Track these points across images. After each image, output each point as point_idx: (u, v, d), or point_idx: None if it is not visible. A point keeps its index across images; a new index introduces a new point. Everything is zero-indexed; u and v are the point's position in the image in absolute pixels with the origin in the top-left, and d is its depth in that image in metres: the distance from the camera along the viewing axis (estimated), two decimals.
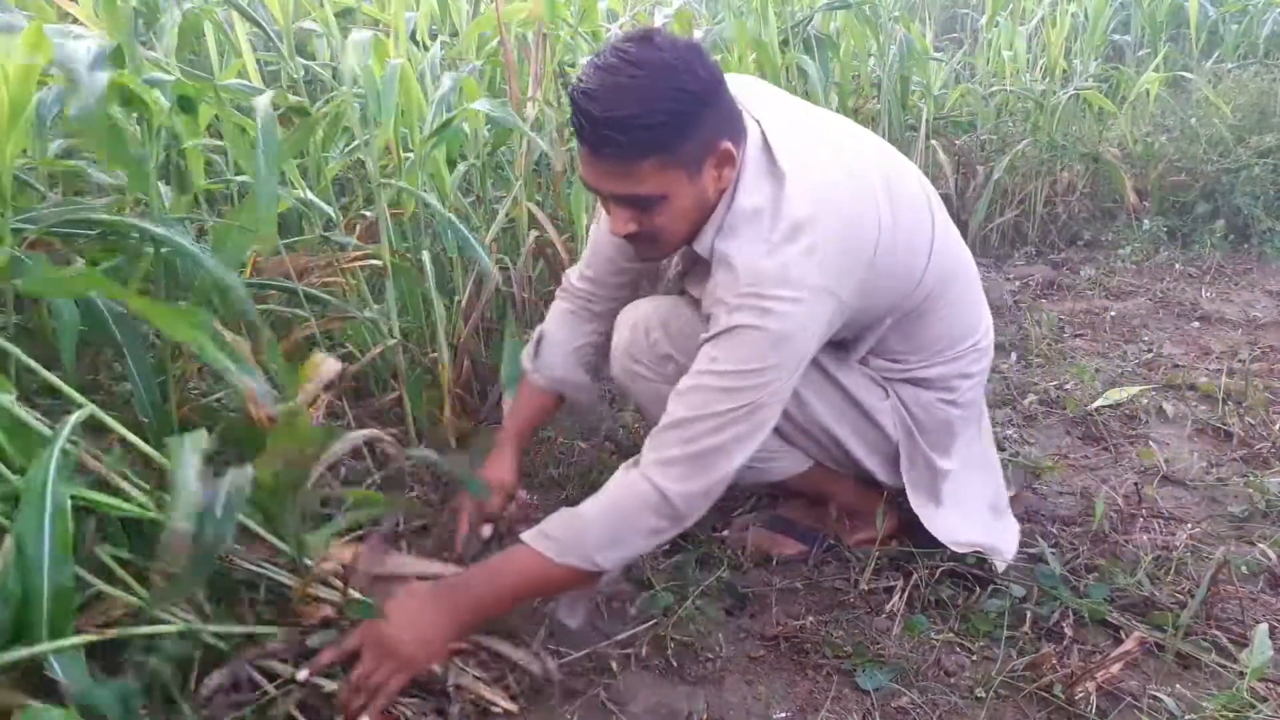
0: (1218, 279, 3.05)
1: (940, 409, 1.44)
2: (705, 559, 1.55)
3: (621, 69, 1.09)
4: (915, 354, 1.41)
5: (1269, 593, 1.41)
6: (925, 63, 3.27)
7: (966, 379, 1.45)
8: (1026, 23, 3.93)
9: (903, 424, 1.43)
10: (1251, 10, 4.71)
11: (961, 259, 1.43)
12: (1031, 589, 1.40)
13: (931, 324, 1.39)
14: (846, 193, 1.22)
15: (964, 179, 3.49)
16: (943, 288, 1.37)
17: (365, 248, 1.79)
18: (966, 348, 1.44)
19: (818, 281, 1.16)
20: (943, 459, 1.45)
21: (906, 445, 1.44)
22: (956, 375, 1.43)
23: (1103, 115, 3.68)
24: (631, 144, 1.10)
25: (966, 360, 1.44)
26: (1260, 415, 1.98)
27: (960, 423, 1.46)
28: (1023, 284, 3.10)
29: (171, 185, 1.61)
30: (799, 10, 3.03)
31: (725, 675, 1.27)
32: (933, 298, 1.36)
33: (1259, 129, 3.50)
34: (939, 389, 1.43)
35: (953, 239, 1.42)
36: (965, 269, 1.44)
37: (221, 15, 1.86)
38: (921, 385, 1.43)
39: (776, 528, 1.57)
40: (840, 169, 1.24)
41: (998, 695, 1.21)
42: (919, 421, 1.43)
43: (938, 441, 1.45)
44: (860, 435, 1.43)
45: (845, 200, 1.21)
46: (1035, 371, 2.34)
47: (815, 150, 1.24)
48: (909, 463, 1.45)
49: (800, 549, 1.55)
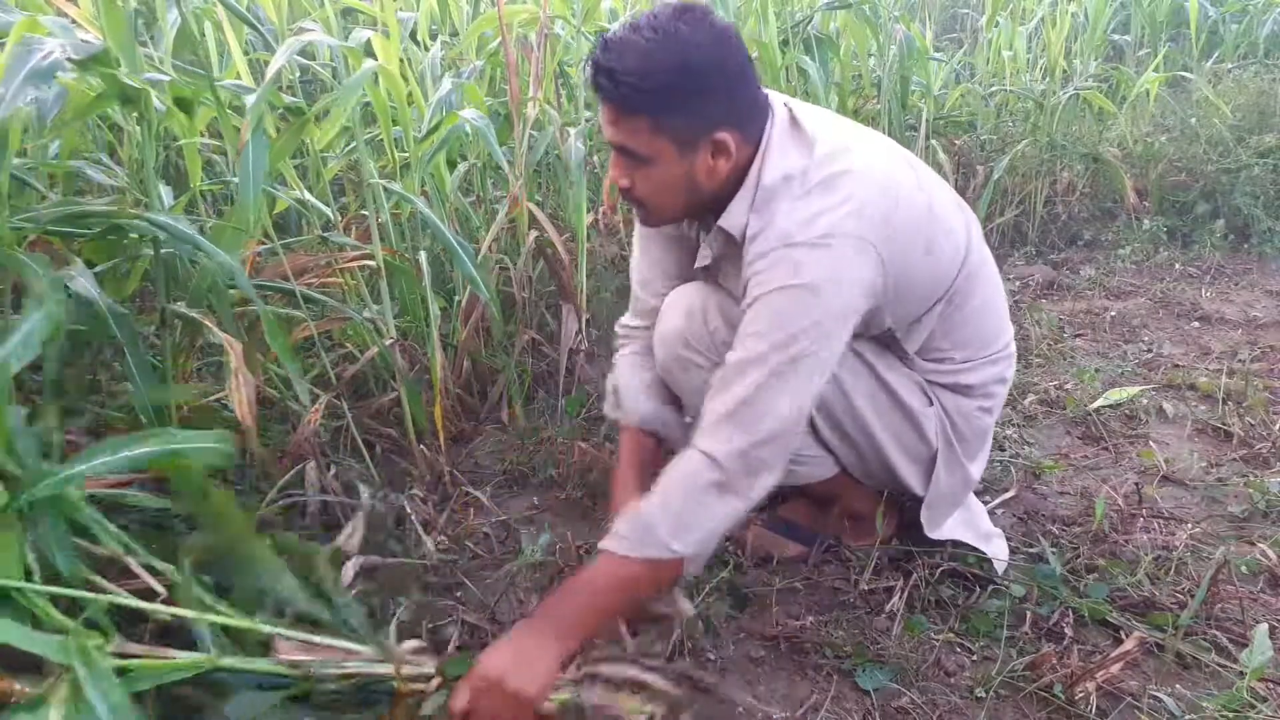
0: (1218, 279, 3.05)
1: (979, 418, 1.43)
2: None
3: (643, 29, 1.12)
4: (960, 350, 1.39)
5: (1269, 593, 1.41)
6: (925, 63, 3.26)
7: (1002, 384, 1.45)
8: (1026, 23, 3.93)
9: (944, 433, 1.41)
10: (1251, 10, 4.71)
11: (987, 251, 1.42)
12: (1031, 589, 1.40)
13: (974, 316, 1.37)
14: (878, 154, 1.23)
15: (964, 179, 3.49)
16: (982, 275, 1.37)
17: (363, 248, 1.79)
18: (1002, 347, 1.43)
19: (852, 228, 1.15)
20: (974, 468, 1.45)
21: (946, 454, 1.42)
22: (995, 380, 1.43)
23: (1103, 115, 3.68)
24: (622, 97, 1.13)
25: (1003, 364, 1.44)
26: (1260, 415, 1.98)
27: (989, 433, 1.47)
28: (1023, 284, 3.10)
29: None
30: (799, 10, 3.03)
31: (725, 675, 1.27)
32: (974, 281, 1.34)
33: (1259, 129, 3.50)
34: (979, 396, 1.42)
35: (979, 230, 1.41)
36: (992, 262, 1.43)
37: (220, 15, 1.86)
38: (964, 393, 1.41)
39: (777, 529, 1.57)
40: (867, 137, 1.27)
41: (998, 695, 1.21)
42: (959, 430, 1.42)
43: (972, 451, 1.45)
44: (901, 440, 1.40)
45: (878, 159, 1.22)
46: (1035, 371, 2.34)
47: (840, 123, 1.27)
48: (947, 472, 1.43)
49: (801, 550, 1.55)
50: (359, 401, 1.88)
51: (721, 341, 1.32)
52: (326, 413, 1.68)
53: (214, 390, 1.74)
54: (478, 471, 1.89)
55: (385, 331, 1.75)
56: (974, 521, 1.51)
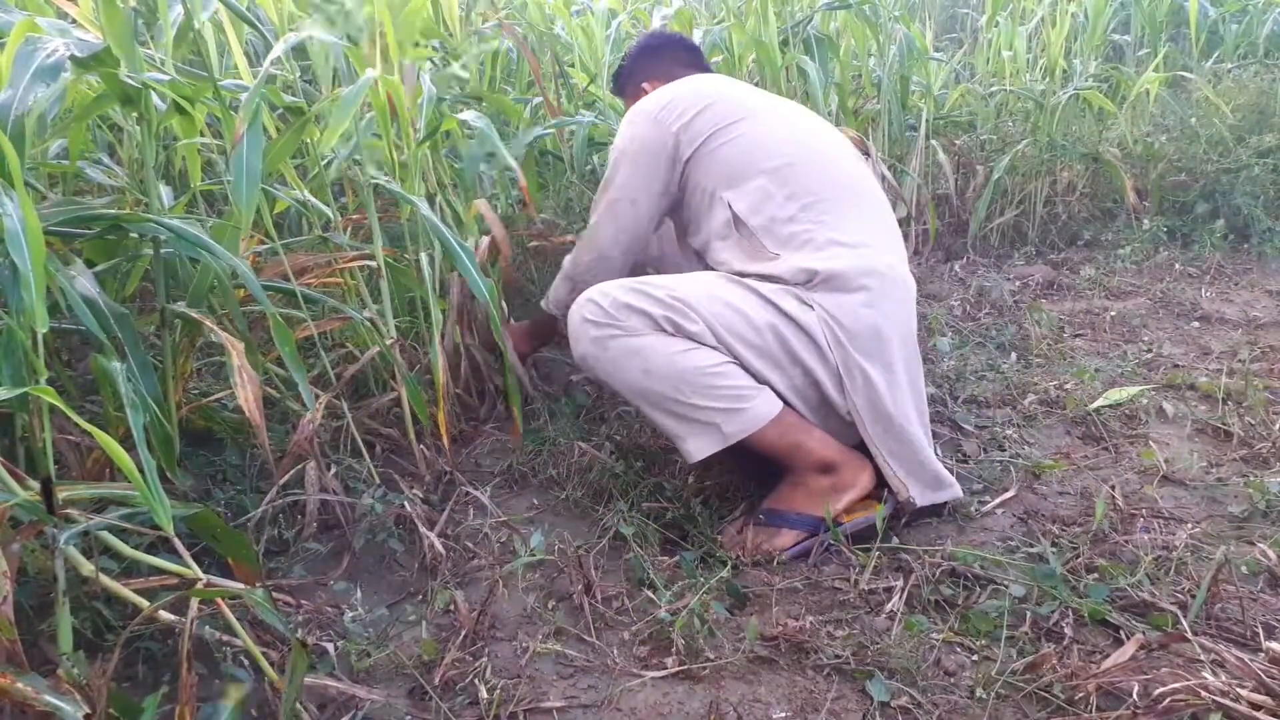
0: (1218, 279, 3.05)
1: (865, 313, 1.58)
2: (705, 559, 1.55)
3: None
4: (792, 201, 1.64)
5: (1269, 593, 1.41)
6: (925, 63, 3.27)
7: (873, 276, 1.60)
8: (1026, 23, 3.92)
9: (832, 334, 1.57)
10: (1251, 10, 4.70)
11: (862, 189, 1.72)
12: (1031, 589, 1.40)
13: (804, 180, 1.66)
14: (719, 84, 1.83)
15: (964, 179, 3.49)
16: (815, 155, 1.71)
17: (362, 248, 1.79)
18: (823, 242, 1.62)
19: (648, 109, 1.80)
20: (876, 371, 1.58)
21: (840, 355, 1.57)
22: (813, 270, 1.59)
23: (1103, 115, 3.67)
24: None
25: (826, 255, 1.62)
26: (1260, 415, 1.98)
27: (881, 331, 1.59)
28: (1023, 284, 3.10)
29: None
30: (799, 10, 3.03)
31: (725, 675, 1.27)
32: (804, 162, 1.68)
33: (1259, 129, 3.49)
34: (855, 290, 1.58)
35: (866, 194, 1.73)
36: (860, 182, 1.74)
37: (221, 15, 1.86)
38: (840, 289, 1.57)
39: (771, 521, 1.58)
40: (737, 87, 1.85)
41: (998, 695, 1.21)
42: (846, 329, 1.56)
43: (865, 348, 1.58)
44: (802, 346, 1.57)
45: (706, 83, 1.83)
46: (1035, 371, 2.34)
47: (732, 83, 1.89)
48: (847, 376, 1.57)
49: (798, 535, 1.56)
50: (359, 401, 1.88)
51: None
52: (326, 413, 1.68)
53: (214, 390, 1.74)
54: (478, 471, 1.89)
55: (385, 332, 1.75)
56: (905, 454, 1.61)
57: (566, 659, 1.31)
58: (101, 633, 1.25)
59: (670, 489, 1.74)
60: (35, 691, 0.88)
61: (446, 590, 1.44)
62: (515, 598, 1.46)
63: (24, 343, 0.98)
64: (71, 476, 1.34)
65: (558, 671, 1.29)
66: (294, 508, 1.58)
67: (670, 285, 1.57)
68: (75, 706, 0.88)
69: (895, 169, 3.14)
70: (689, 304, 1.54)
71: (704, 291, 1.57)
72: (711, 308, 1.55)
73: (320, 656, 1.28)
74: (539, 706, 1.21)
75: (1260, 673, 1.15)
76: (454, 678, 1.26)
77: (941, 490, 1.64)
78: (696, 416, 1.54)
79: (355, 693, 1.20)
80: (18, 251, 0.93)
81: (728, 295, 1.57)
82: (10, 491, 1.01)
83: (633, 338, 1.54)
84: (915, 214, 3.27)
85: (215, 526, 1.14)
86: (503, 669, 1.29)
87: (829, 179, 1.69)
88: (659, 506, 1.68)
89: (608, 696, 1.23)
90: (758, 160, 1.68)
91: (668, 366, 1.53)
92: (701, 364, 1.53)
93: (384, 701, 1.21)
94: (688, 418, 1.55)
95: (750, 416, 1.54)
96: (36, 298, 0.94)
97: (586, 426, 2.02)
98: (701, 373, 1.53)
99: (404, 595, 1.49)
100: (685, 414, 1.55)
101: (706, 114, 1.73)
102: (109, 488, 1.13)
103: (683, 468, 1.81)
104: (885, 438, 1.59)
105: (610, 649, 1.32)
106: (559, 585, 1.48)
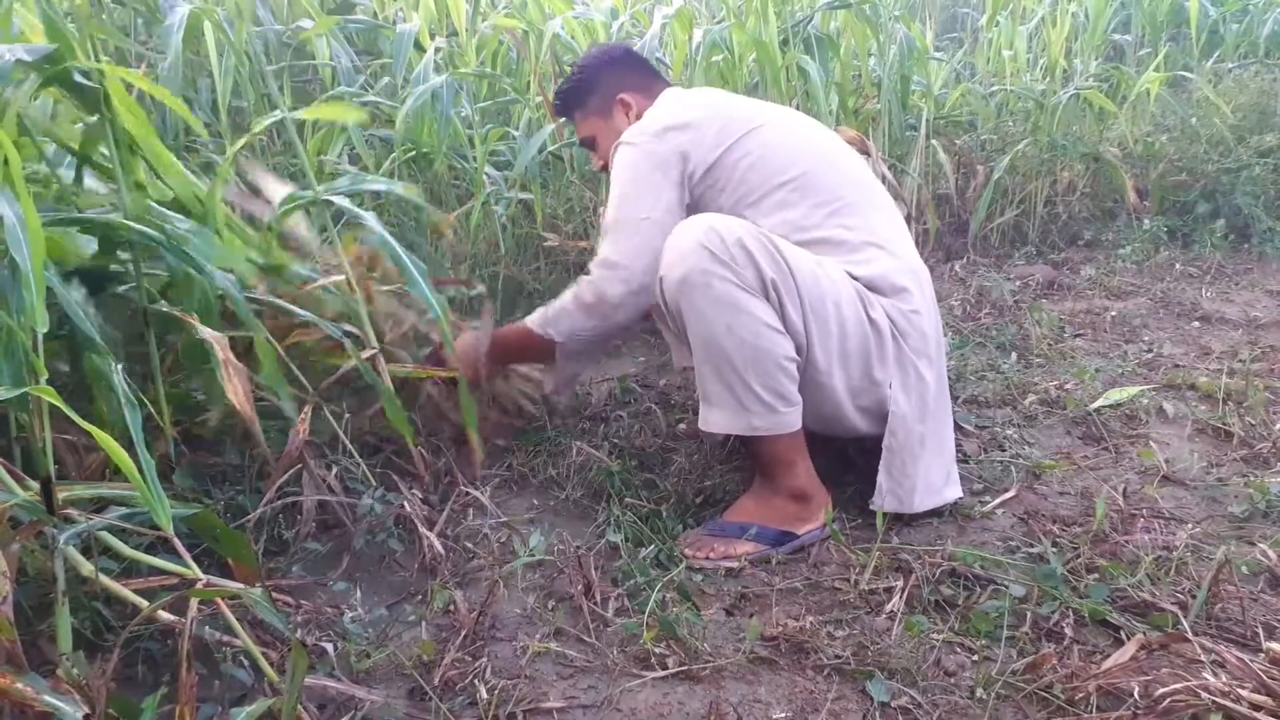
0: (1218, 279, 3.04)
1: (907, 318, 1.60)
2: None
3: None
4: (819, 209, 1.65)
5: (1269, 593, 1.41)
6: (925, 62, 3.26)
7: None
8: (1027, 22, 3.93)
9: (890, 335, 1.60)
10: (1252, 10, 4.70)
11: (875, 188, 1.75)
12: (1031, 589, 1.40)
13: (825, 186, 1.67)
14: (712, 97, 1.82)
15: (964, 179, 3.49)
16: (830, 167, 1.70)
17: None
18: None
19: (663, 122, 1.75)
20: (926, 368, 1.62)
21: (896, 354, 1.60)
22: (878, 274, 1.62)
23: (1103, 115, 3.67)
24: (559, 108, 2.02)
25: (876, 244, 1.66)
26: (1260, 415, 1.98)
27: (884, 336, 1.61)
28: (1023, 284, 3.10)
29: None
30: (799, 10, 3.03)
31: (725, 675, 1.27)
32: (820, 171, 1.68)
33: (1259, 129, 3.50)
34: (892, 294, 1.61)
35: (879, 193, 1.75)
36: (871, 182, 1.76)
37: (222, 15, 1.86)
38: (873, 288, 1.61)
39: (729, 531, 1.59)
40: (726, 96, 1.85)
41: (998, 696, 1.21)
42: (900, 329, 1.60)
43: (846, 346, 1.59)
44: (876, 348, 1.59)
45: (697, 95, 1.83)
46: (1035, 371, 2.33)
47: (718, 93, 1.88)
48: (905, 375, 1.60)
49: (758, 546, 1.56)
50: (359, 402, 1.88)
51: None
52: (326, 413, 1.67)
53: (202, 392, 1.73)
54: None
55: (366, 343, 1.72)
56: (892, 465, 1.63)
57: (566, 659, 1.31)
58: (101, 633, 1.25)
59: (664, 488, 1.75)
60: (35, 691, 0.88)
61: (446, 590, 1.44)
62: (515, 598, 1.46)
63: (24, 343, 0.98)
64: (70, 477, 1.33)
65: (557, 672, 1.29)
66: (293, 508, 1.58)
67: (787, 250, 1.55)
68: (75, 706, 0.88)
69: (895, 169, 3.13)
70: (797, 279, 1.53)
71: (811, 270, 1.56)
72: (813, 291, 1.54)
73: (320, 657, 1.28)
74: (539, 707, 1.21)
75: (1261, 673, 1.15)
76: (453, 678, 1.26)
77: (947, 488, 1.67)
78: (741, 395, 1.53)
79: (355, 693, 1.20)
80: (18, 251, 0.93)
81: (827, 282, 1.57)
82: (10, 491, 1.01)
83: (742, 291, 1.50)
84: (915, 214, 3.27)
85: (215, 526, 1.14)
86: (502, 669, 1.29)
87: (846, 181, 1.70)
88: (639, 503, 1.69)
89: (607, 696, 1.23)
90: (773, 175, 1.67)
91: (752, 338, 1.51)
92: (779, 353, 1.52)
93: (384, 702, 1.20)
94: (733, 390, 1.54)
95: (781, 421, 1.55)
96: (37, 297, 0.93)
97: (587, 427, 2.02)
98: (775, 361, 1.52)
99: (403, 595, 1.49)
100: (733, 386, 1.54)
101: (711, 132, 1.71)
102: (108, 488, 1.13)
103: (680, 468, 1.81)
104: (915, 441, 1.62)
105: (610, 649, 1.32)
106: (559, 585, 1.48)
